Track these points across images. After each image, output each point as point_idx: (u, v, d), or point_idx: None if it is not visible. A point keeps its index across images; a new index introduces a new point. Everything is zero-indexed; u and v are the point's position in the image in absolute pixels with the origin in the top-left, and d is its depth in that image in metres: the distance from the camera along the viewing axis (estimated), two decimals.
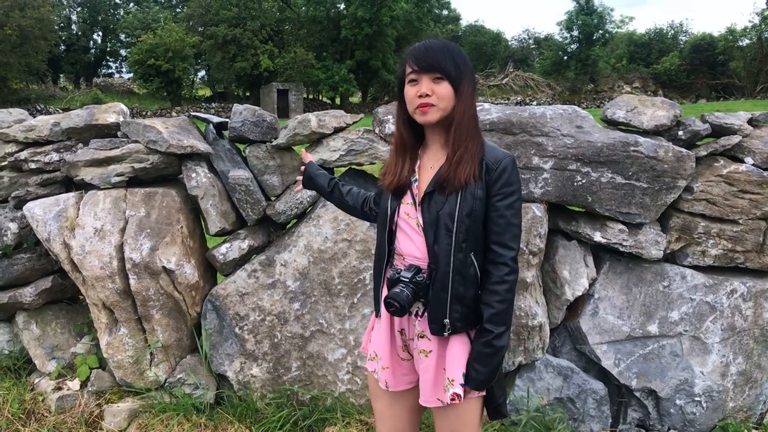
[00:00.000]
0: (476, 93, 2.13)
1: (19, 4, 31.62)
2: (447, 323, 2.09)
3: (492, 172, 2.03)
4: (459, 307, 2.08)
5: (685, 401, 3.48)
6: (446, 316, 2.08)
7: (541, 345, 3.44)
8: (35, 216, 3.55)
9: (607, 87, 43.45)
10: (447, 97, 2.03)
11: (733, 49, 40.87)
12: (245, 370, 3.61)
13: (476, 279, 2.08)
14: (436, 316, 2.11)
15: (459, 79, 2.03)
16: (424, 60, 2.02)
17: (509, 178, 2.03)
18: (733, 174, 3.33)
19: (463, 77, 2.04)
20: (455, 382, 2.10)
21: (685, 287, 3.43)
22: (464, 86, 2.04)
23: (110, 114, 3.72)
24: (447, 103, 2.04)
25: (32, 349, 3.87)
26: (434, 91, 2.03)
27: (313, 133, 3.52)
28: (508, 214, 2.04)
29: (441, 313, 2.09)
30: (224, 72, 38.69)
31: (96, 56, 47.03)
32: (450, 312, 2.08)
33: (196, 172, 3.57)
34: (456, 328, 2.09)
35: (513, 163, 2.06)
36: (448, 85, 2.02)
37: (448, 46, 2.05)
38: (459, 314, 2.08)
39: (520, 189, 2.08)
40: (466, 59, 2.08)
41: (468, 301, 2.08)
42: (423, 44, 2.07)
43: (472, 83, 2.08)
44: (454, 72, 2.02)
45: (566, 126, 3.34)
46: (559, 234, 3.55)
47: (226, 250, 3.61)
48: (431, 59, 2.02)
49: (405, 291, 2.06)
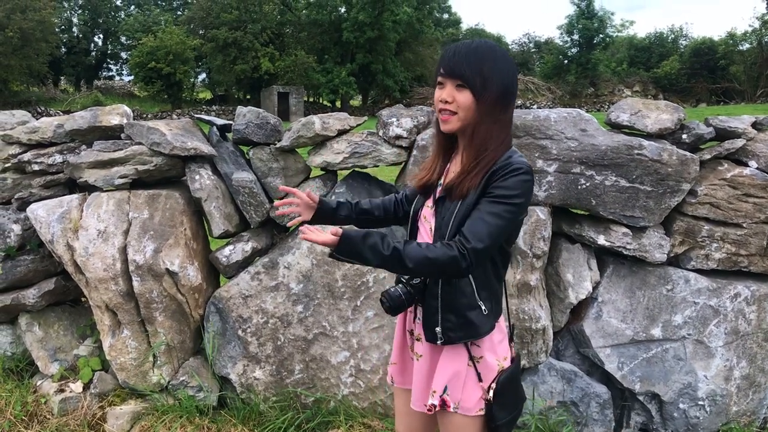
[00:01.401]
0: (509, 102, 1.97)
1: (21, 6, 31.69)
2: (439, 332, 2.05)
3: (496, 175, 1.90)
4: (452, 316, 2.03)
5: (688, 405, 3.47)
6: (438, 325, 2.05)
7: (544, 348, 3.44)
8: (39, 218, 3.55)
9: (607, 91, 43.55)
10: (467, 107, 1.91)
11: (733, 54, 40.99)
12: (248, 372, 3.61)
13: (472, 289, 2.02)
14: (428, 323, 2.08)
15: (482, 89, 1.89)
16: (449, 64, 1.92)
17: (508, 181, 1.88)
18: (737, 177, 3.33)
19: (488, 87, 1.90)
20: (435, 394, 2.09)
21: (689, 291, 3.43)
22: (488, 97, 1.90)
23: (114, 116, 3.72)
24: (467, 113, 1.92)
25: (35, 351, 3.86)
26: (455, 99, 1.92)
27: (317, 136, 3.52)
28: (485, 210, 1.88)
29: (432, 321, 2.06)
30: (225, 75, 38.79)
31: (97, 59, 47.09)
32: (442, 321, 2.04)
33: (199, 174, 3.57)
34: (450, 339, 2.04)
35: (523, 171, 1.90)
36: (469, 95, 1.90)
37: (479, 51, 1.92)
38: (452, 324, 2.03)
39: (521, 202, 1.90)
40: (500, 66, 1.93)
41: (462, 311, 2.02)
42: (454, 46, 1.96)
43: (502, 93, 1.93)
44: (479, 81, 1.89)
45: (570, 129, 3.34)
46: (563, 237, 3.55)
47: (229, 253, 3.61)
48: (455, 64, 1.90)
49: (398, 291, 2.04)
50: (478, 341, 2.07)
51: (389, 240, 1.91)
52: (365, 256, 1.90)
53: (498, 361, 2.10)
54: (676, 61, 43.86)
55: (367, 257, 1.90)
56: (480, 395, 2.07)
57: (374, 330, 3.51)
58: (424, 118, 3.50)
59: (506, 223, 1.89)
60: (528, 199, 1.94)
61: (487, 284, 2.05)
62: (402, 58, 42.55)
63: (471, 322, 2.03)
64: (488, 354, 2.08)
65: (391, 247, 1.88)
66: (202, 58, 40.68)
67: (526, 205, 1.96)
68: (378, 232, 1.94)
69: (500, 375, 2.07)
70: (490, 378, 2.07)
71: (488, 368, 2.08)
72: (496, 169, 1.91)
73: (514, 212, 1.90)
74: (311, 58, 38.22)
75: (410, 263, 1.87)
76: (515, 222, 1.95)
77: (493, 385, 2.06)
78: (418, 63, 43.05)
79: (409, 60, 43.07)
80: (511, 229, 1.97)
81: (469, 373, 2.07)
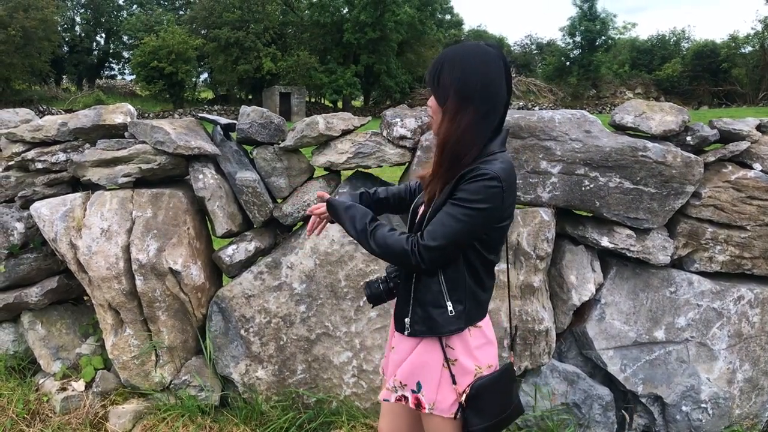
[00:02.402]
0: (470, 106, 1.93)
1: (23, 5, 31.75)
2: (407, 323, 2.11)
3: (461, 180, 1.91)
4: (420, 310, 2.08)
5: (691, 408, 3.47)
6: (407, 315, 2.11)
7: (547, 350, 3.43)
8: (42, 216, 3.55)
9: (609, 93, 43.55)
10: (435, 111, 2.01)
11: (735, 56, 40.98)
12: (250, 372, 3.61)
13: (440, 288, 2.04)
14: (398, 313, 2.17)
15: (444, 94, 1.95)
16: (427, 72, 2.02)
17: (471, 186, 1.89)
18: (742, 180, 3.33)
19: (448, 92, 1.93)
20: (407, 387, 2.14)
21: (692, 293, 3.42)
22: (450, 103, 1.93)
23: (117, 114, 3.72)
24: (436, 117, 2.01)
25: (37, 349, 3.86)
26: (431, 105, 2.02)
27: (321, 136, 3.51)
28: (445, 212, 1.92)
29: (403, 312, 2.14)
30: (227, 75, 38.80)
31: (99, 58, 47.12)
32: (411, 313, 2.10)
33: (203, 174, 3.56)
34: (416, 332, 2.09)
35: (488, 178, 1.88)
36: (434, 100, 2.00)
37: (447, 57, 1.96)
38: (418, 317, 2.09)
39: (480, 209, 1.89)
40: (460, 70, 1.93)
41: (426, 306, 2.07)
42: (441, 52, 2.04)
43: (462, 98, 1.92)
44: (436, 87, 1.97)
45: (575, 130, 3.34)
46: (567, 239, 3.54)
47: (232, 252, 3.61)
48: (427, 72, 2.00)
49: (378, 283, 2.20)
50: (451, 343, 2.08)
51: (367, 218, 2.09)
52: (344, 225, 2.16)
53: (477, 366, 2.09)
54: (678, 64, 43.88)
55: (345, 226, 2.16)
56: (455, 398, 2.08)
57: (377, 330, 3.50)
58: (428, 119, 3.50)
59: (463, 227, 1.91)
60: (495, 204, 1.91)
61: (460, 287, 2.05)
62: (404, 59, 42.59)
63: (433, 319, 2.07)
64: (462, 357, 2.08)
65: (364, 224, 2.08)
66: (204, 58, 40.70)
67: (491, 211, 1.92)
68: (361, 208, 2.15)
69: (476, 381, 2.07)
70: (465, 382, 2.07)
71: (464, 371, 2.08)
72: (465, 173, 1.92)
73: (474, 216, 1.90)
74: (313, 59, 38.24)
75: (373, 244, 2.04)
76: (474, 226, 1.93)
77: (467, 390, 2.06)
78: (420, 64, 43.03)
79: (411, 61, 43.10)
80: (472, 232, 1.95)
81: (444, 375, 2.08)
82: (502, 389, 2.14)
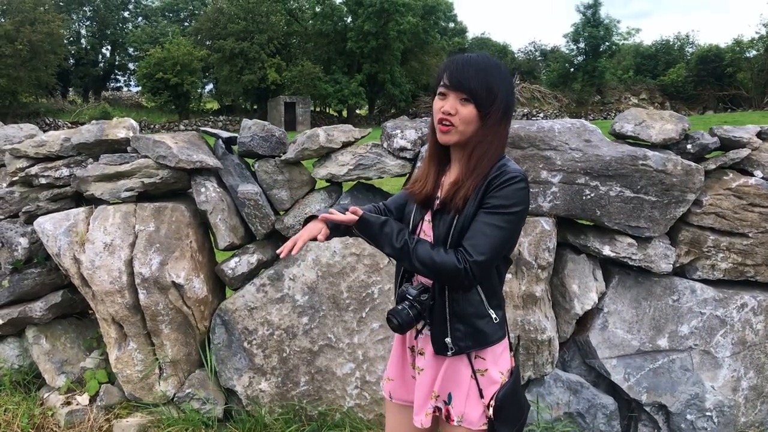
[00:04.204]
0: (509, 117, 2.01)
1: (30, 19, 31.98)
2: (449, 342, 2.04)
3: (491, 186, 1.91)
4: (461, 326, 2.02)
5: (696, 416, 3.45)
6: (447, 335, 2.04)
7: (550, 359, 3.43)
8: (45, 231, 3.57)
9: (614, 98, 43.52)
10: (469, 121, 1.93)
11: (740, 61, 40.92)
12: (254, 384, 3.61)
13: (480, 298, 2.02)
14: (437, 335, 2.07)
15: (488, 105, 1.92)
16: (456, 77, 1.91)
17: (504, 191, 1.90)
18: (743, 187, 3.32)
19: (493, 103, 1.92)
20: (439, 398, 2.10)
21: (695, 301, 3.41)
22: (493, 113, 1.93)
23: (120, 129, 3.75)
24: (468, 127, 1.94)
25: (42, 363, 3.88)
26: (458, 112, 1.93)
27: (322, 148, 3.53)
28: (483, 221, 1.90)
29: (441, 332, 2.05)
30: (232, 85, 38.98)
31: (104, 70, 47.40)
32: (451, 331, 2.03)
33: (205, 187, 3.58)
34: (460, 348, 2.04)
35: (518, 180, 1.91)
36: (473, 109, 1.92)
37: (486, 67, 1.93)
38: (461, 333, 2.03)
39: (518, 211, 1.91)
40: (505, 82, 1.96)
41: (470, 319, 2.02)
42: (461, 58, 1.96)
43: (505, 109, 1.96)
44: (485, 96, 1.91)
45: (574, 140, 3.35)
46: (568, 248, 3.54)
47: (234, 265, 3.62)
48: (463, 78, 1.91)
49: (406, 309, 2.01)
50: (482, 353, 2.06)
51: (405, 233, 1.98)
52: (379, 241, 2.01)
53: (501, 373, 2.09)
54: (682, 69, 43.81)
55: (380, 243, 2.01)
56: (482, 410, 2.06)
57: (379, 342, 3.50)
58: (428, 130, 3.51)
59: (506, 234, 1.91)
60: (526, 206, 1.96)
61: (495, 293, 2.06)
62: (408, 67, 42.69)
63: (481, 330, 2.03)
64: (492, 366, 2.07)
65: (403, 241, 1.96)
66: (209, 69, 40.89)
67: (525, 212, 1.96)
68: (396, 223, 2.03)
69: (499, 391, 2.06)
70: (490, 393, 2.06)
71: (491, 381, 2.07)
72: (491, 179, 1.92)
73: (514, 221, 1.91)
74: (318, 68, 38.37)
75: (416, 261, 1.93)
76: (515, 231, 1.95)
77: (492, 402, 2.05)
78: (424, 72, 43.15)
79: (415, 69, 43.22)
80: (513, 238, 1.98)
81: (472, 388, 2.07)
82: (518, 392, 2.15)
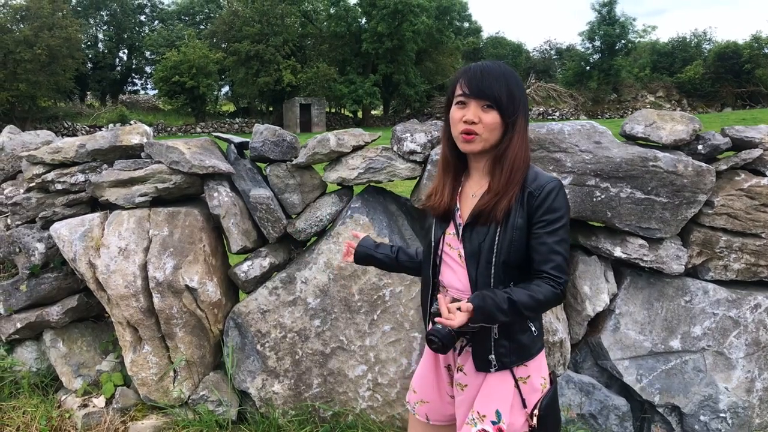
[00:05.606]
0: (528, 122, 2.02)
1: (48, 24, 32.38)
2: (492, 359, 2.02)
3: (534, 198, 1.91)
4: (506, 342, 2.01)
5: (709, 417, 3.43)
6: (491, 352, 2.02)
7: (562, 361, 3.43)
8: (61, 236, 3.63)
9: (630, 97, 43.21)
10: (493, 128, 1.92)
11: (758, 57, 40.50)
12: (267, 386, 3.64)
13: None
14: (479, 352, 2.04)
15: (512, 110, 1.92)
16: (477, 85, 1.91)
17: (553, 204, 1.91)
18: (755, 188, 3.30)
19: (517, 108, 1.93)
20: (486, 419, 2.04)
21: (708, 302, 3.40)
22: (519, 119, 1.94)
23: (134, 135, 3.80)
24: (492, 134, 1.93)
25: (59, 366, 3.94)
26: (481, 119, 1.91)
27: (332, 152, 3.56)
28: (550, 241, 1.90)
29: (485, 349, 2.03)
30: (247, 87, 39.20)
31: (122, 73, 47.81)
32: (495, 347, 2.01)
33: (218, 192, 3.62)
34: (504, 364, 2.02)
35: (558, 188, 1.94)
36: (497, 116, 1.91)
37: (505, 73, 1.93)
38: (506, 349, 2.01)
39: (568, 214, 1.95)
40: (522, 88, 1.97)
41: (515, 335, 2.01)
42: (478, 66, 1.95)
43: (525, 114, 1.97)
44: (507, 102, 1.91)
45: (584, 142, 3.34)
46: (579, 249, 3.54)
47: (247, 268, 3.66)
48: (484, 85, 1.90)
49: (447, 329, 1.91)
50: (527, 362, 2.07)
51: (502, 295, 1.89)
52: (497, 319, 1.90)
53: (543, 379, 2.08)
54: (699, 66, 43.40)
55: (498, 319, 1.90)
56: (524, 419, 2.05)
57: (391, 344, 3.52)
58: (438, 133, 3.52)
59: (568, 241, 1.97)
60: (569, 206, 2.00)
61: None
62: (423, 67, 42.69)
63: (524, 345, 2.03)
64: (534, 374, 2.07)
65: (508, 302, 1.88)
66: (225, 72, 41.17)
67: None
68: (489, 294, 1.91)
69: (542, 400, 2.05)
70: (533, 401, 2.05)
71: (532, 389, 2.06)
72: (532, 190, 1.93)
73: (568, 227, 1.97)
74: (333, 70, 38.48)
75: (525, 311, 1.90)
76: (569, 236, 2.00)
77: (536, 412, 2.04)
78: (438, 72, 43.15)
79: (429, 69, 43.22)
80: None
81: (515, 397, 2.05)
82: (557, 399, 2.16)
